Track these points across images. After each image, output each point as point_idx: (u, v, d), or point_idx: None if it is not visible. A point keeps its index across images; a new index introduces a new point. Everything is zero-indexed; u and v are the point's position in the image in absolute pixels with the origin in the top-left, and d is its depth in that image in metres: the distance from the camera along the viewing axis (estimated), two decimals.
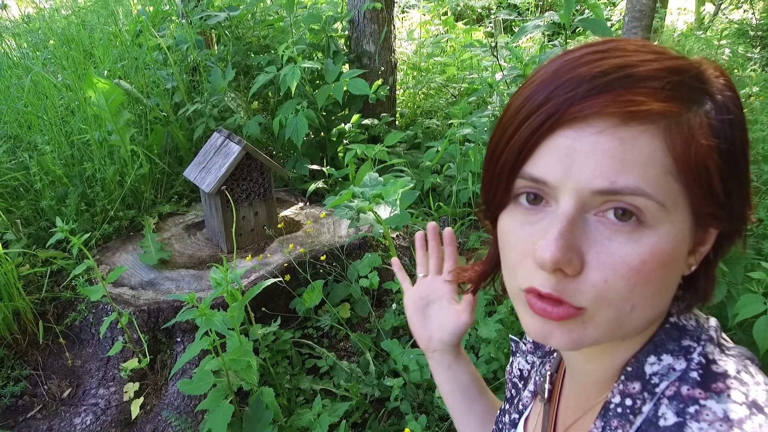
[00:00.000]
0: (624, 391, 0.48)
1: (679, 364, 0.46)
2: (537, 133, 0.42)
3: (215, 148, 2.10)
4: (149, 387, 1.80)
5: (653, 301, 0.44)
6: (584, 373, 0.54)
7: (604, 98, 0.40)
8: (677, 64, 0.42)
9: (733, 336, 1.54)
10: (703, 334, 0.47)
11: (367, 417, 1.69)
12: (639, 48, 0.42)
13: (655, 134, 0.40)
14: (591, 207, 0.42)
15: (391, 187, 1.68)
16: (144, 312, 1.83)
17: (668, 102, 0.40)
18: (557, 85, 0.42)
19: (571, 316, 0.43)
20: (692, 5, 5.44)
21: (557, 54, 0.45)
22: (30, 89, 2.36)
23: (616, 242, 0.41)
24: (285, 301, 2.02)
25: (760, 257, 1.50)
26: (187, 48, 2.86)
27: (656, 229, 0.41)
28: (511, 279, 0.48)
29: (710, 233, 0.46)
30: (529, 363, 0.71)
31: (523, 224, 0.45)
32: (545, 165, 0.42)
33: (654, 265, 0.41)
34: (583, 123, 0.40)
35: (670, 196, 0.41)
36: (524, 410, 0.66)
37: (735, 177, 0.43)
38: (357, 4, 2.91)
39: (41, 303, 1.98)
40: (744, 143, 0.44)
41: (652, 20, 2.57)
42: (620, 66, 0.41)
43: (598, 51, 0.42)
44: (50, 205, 2.16)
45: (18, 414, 1.75)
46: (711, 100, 0.42)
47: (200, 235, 2.32)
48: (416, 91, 3.56)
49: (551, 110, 0.41)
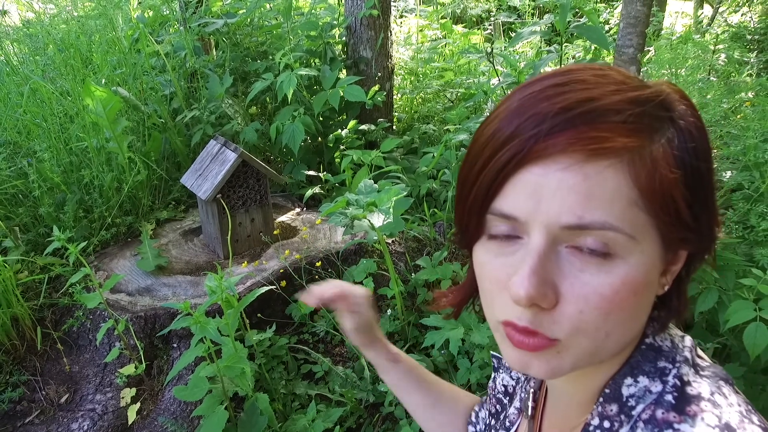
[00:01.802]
0: (602, 413, 0.48)
1: (655, 386, 0.46)
2: (504, 170, 0.43)
3: (212, 156, 2.12)
4: (146, 393, 1.82)
5: (627, 327, 0.45)
6: (566, 393, 0.56)
7: (567, 135, 0.40)
8: (639, 95, 0.42)
9: (724, 342, 1.54)
10: (678, 355, 0.48)
11: (362, 422, 1.71)
12: (600, 79, 0.43)
13: (619, 168, 0.41)
14: (561, 240, 0.43)
15: (384, 195, 1.70)
16: (141, 318, 1.84)
17: (631, 136, 0.41)
18: (520, 121, 0.42)
19: (546, 346, 0.44)
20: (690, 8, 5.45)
21: (518, 86, 0.46)
22: (29, 96, 2.38)
23: (588, 273, 0.42)
24: (281, 306, 2.03)
25: (751, 264, 1.51)
26: (185, 54, 2.88)
27: (626, 259, 0.42)
28: (488, 310, 0.49)
29: (681, 254, 0.47)
30: (513, 378, 0.72)
31: (496, 255, 0.46)
32: (514, 201, 0.43)
33: (626, 293, 0.42)
34: (548, 160, 0.41)
35: (638, 227, 0.41)
36: (511, 427, 0.67)
37: (701, 201, 0.44)
38: (354, 10, 2.93)
39: (39, 309, 2.00)
40: (708, 168, 0.45)
41: (646, 26, 2.59)
42: (582, 101, 0.41)
43: (558, 84, 0.43)
44: (49, 211, 2.18)
45: (16, 419, 1.77)
46: (673, 126, 0.43)
47: (197, 241, 2.33)
48: (413, 97, 3.58)
49: (517, 148, 0.42)
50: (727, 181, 1.73)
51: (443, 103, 3.55)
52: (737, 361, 1.52)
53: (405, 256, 2.26)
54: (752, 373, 1.49)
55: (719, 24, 4.84)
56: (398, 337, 1.95)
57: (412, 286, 2.06)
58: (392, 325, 1.91)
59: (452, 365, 1.79)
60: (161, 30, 3.20)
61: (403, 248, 2.31)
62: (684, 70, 2.38)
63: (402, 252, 2.29)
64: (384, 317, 1.95)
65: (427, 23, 4.40)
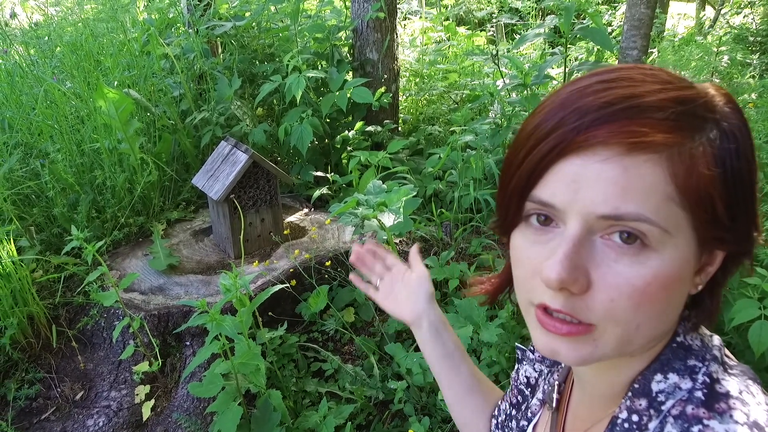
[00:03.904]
0: (631, 407, 0.49)
1: (685, 384, 0.47)
2: (545, 159, 0.44)
3: (223, 157, 2.16)
4: (160, 390, 1.85)
5: (658, 321, 0.45)
6: (593, 386, 0.56)
7: (608, 128, 0.42)
8: (683, 95, 0.43)
9: (729, 340, 1.57)
10: (708, 353, 0.49)
11: (372, 419, 1.74)
12: (647, 77, 0.44)
13: (657, 163, 0.42)
14: (597, 230, 0.44)
15: (394, 195, 1.73)
16: (154, 316, 1.88)
17: (671, 133, 0.42)
18: (565, 114, 0.44)
19: (581, 332, 0.45)
20: (692, 10, 5.47)
21: (569, 81, 0.47)
22: (41, 98, 2.42)
23: (622, 264, 0.43)
24: (291, 305, 2.06)
25: (756, 263, 1.54)
26: (194, 57, 2.91)
27: (660, 252, 0.43)
28: (521, 294, 0.50)
29: (717, 254, 0.47)
30: (536, 371, 0.73)
31: (533, 243, 0.48)
32: (553, 189, 0.45)
33: (657, 287, 0.43)
34: (588, 151, 0.42)
35: (672, 222, 0.42)
36: (533, 418, 0.68)
37: (740, 202, 0.44)
38: (360, 13, 2.96)
39: (54, 308, 2.04)
40: (750, 170, 0.45)
41: (650, 29, 2.62)
42: (626, 96, 0.42)
43: (605, 81, 0.44)
44: (62, 212, 2.21)
45: (32, 416, 1.80)
46: (717, 128, 0.44)
47: (207, 241, 2.37)
48: (419, 98, 3.61)
49: (559, 138, 0.44)
50: None
51: (448, 104, 3.58)
52: (742, 359, 1.54)
53: None
54: (757, 372, 1.52)
55: (721, 26, 4.86)
56: (407, 335, 1.98)
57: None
58: (400, 324, 1.94)
59: None
60: (167, 32, 3.24)
61: (410, 248, 2.34)
62: (687, 72, 2.41)
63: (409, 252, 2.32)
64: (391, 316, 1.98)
65: (432, 25, 4.43)
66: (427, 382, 1.70)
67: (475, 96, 3.30)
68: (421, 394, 1.73)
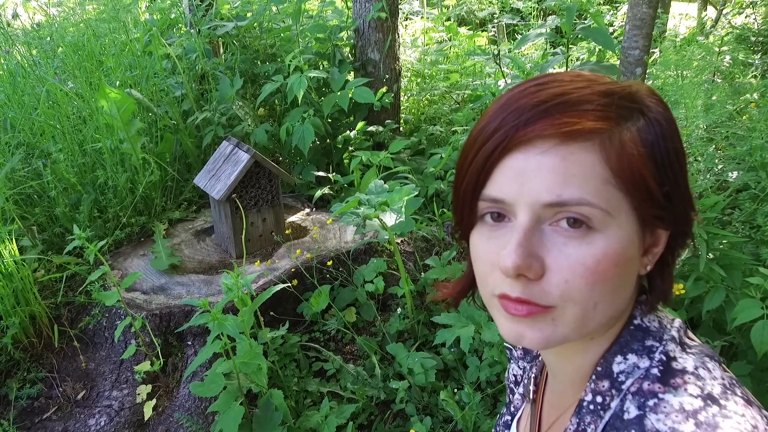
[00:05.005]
0: (595, 389, 0.52)
1: (643, 363, 0.50)
2: (491, 157, 0.48)
3: (224, 156, 2.16)
4: (161, 389, 1.85)
5: (613, 298, 0.49)
6: (563, 373, 0.60)
7: (544, 123, 0.46)
8: (607, 88, 0.48)
9: (731, 340, 1.57)
10: (666, 334, 0.52)
11: (373, 419, 1.73)
12: (574, 78, 0.49)
13: (591, 150, 0.46)
14: (545, 218, 0.47)
15: (396, 195, 1.73)
16: (156, 316, 1.88)
17: (599, 121, 0.46)
18: (505, 115, 0.48)
19: (540, 312, 0.48)
20: (694, 10, 5.47)
21: (506, 90, 0.52)
22: (43, 98, 2.42)
23: (571, 247, 0.46)
24: (292, 305, 2.06)
25: (758, 263, 1.53)
26: (196, 57, 2.92)
27: (605, 233, 0.46)
28: (483, 289, 0.53)
29: (660, 235, 0.51)
30: (521, 368, 0.76)
31: (489, 239, 0.51)
32: (501, 185, 0.48)
33: (608, 264, 0.46)
34: (529, 145, 0.47)
35: (613, 204, 0.46)
36: (516, 412, 0.71)
37: (672, 182, 0.49)
38: (362, 13, 2.96)
39: (56, 307, 2.04)
40: (678, 152, 0.49)
41: (652, 29, 2.61)
42: (557, 94, 0.47)
43: (539, 83, 0.49)
44: (64, 212, 2.21)
45: (34, 415, 1.80)
46: (642, 116, 0.48)
47: (209, 240, 2.37)
48: (420, 98, 3.61)
49: (501, 137, 0.48)
50: (733, 182, 1.75)
51: (450, 104, 3.58)
52: (744, 359, 1.54)
53: (414, 256, 2.29)
54: (759, 371, 1.51)
55: (723, 26, 4.85)
56: (408, 335, 1.97)
57: (421, 285, 2.09)
58: (402, 324, 1.94)
59: (462, 363, 1.81)
60: (169, 33, 3.25)
61: (412, 248, 2.34)
62: (689, 71, 2.40)
63: (411, 251, 2.32)
64: (394, 315, 1.98)
65: (433, 26, 4.43)
66: (428, 382, 1.70)
67: (477, 96, 3.29)
68: (423, 394, 1.73)
